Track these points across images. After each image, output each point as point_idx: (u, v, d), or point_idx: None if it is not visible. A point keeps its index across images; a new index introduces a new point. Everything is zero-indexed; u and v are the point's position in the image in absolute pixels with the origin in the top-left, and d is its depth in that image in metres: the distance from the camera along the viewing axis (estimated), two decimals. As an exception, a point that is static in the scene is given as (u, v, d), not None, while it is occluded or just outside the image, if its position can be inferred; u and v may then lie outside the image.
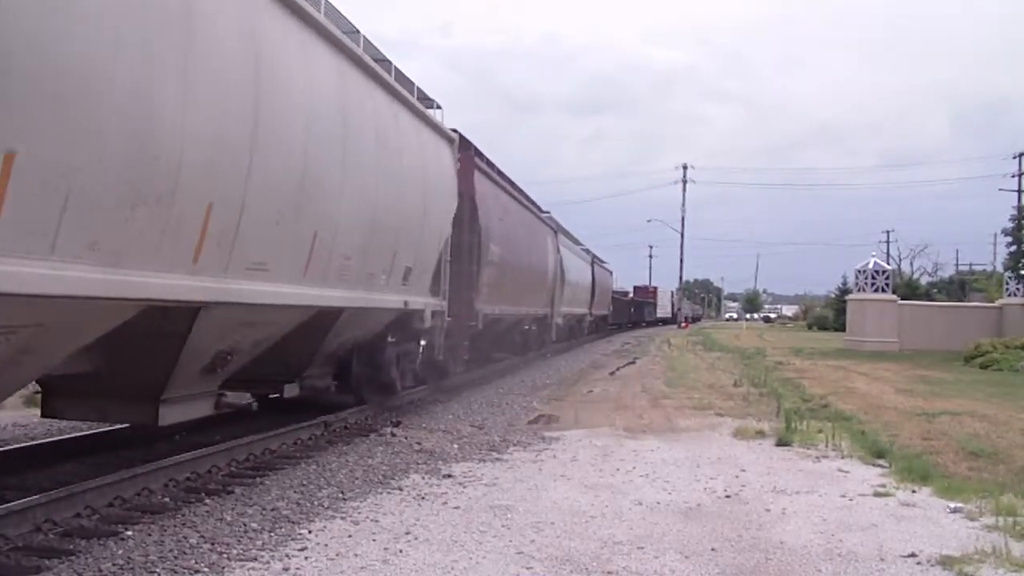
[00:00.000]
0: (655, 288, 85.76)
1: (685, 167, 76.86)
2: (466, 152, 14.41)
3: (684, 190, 76.41)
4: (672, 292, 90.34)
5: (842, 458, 9.40)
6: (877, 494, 7.64)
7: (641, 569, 5.39)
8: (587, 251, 38.69)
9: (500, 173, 18.53)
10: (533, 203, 23.86)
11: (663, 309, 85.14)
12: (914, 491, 7.77)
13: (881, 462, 9.10)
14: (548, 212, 27.31)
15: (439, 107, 12.68)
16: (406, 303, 10.85)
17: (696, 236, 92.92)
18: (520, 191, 21.91)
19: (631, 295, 70.50)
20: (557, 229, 27.86)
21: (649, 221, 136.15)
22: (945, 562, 5.61)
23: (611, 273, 50.91)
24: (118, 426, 8.63)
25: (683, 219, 76.54)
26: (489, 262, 15.94)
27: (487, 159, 16.98)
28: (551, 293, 25.49)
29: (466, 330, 14.77)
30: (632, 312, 66.86)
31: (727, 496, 7.50)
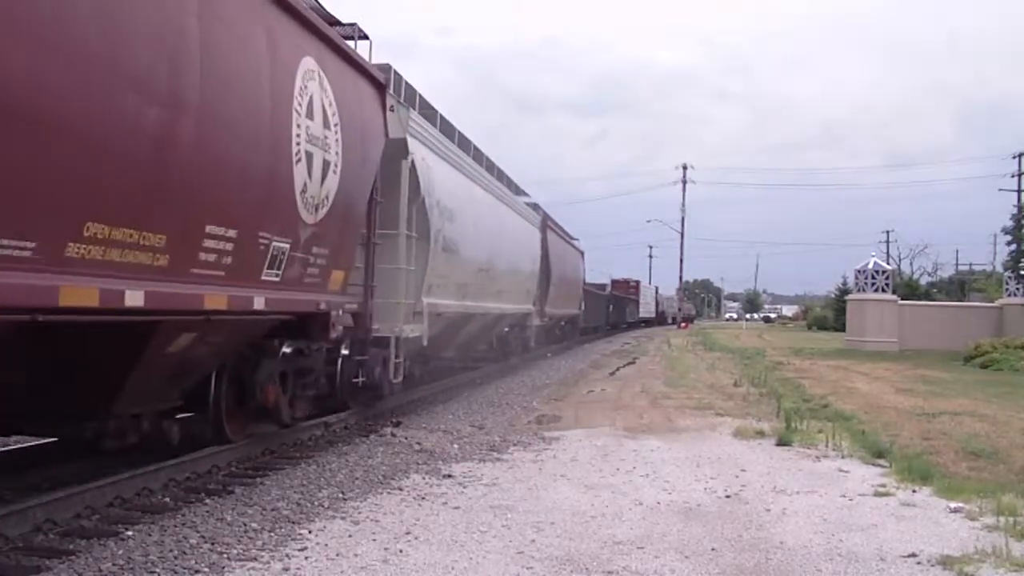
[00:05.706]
0: (637, 282, 71.36)
1: (685, 167, 77.04)
2: None
3: (684, 190, 76.54)
4: (656, 288, 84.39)
5: (842, 458, 9.40)
6: (877, 494, 7.63)
7: (641, 569, 5.39)
8: (535, 206, 24.49)
9: None
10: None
11: (646, 308, 72.26)
12: (914, 491, 7.76)
13: (881, 462, 9.10)
14: (388, 63, 11.15)
15: None
16: None
17: (696, 236, 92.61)
18: None
19: (609, 290, 57.34)
20: (425, 128, 12.38)
21: (649, 221, 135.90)
22: (945, 562, 5.60)
23: (582, 255, 35.11)
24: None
25: (683, 219, 76.62)
26: None
27: None
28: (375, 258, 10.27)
29: None
30: (612, 311, 52.31)
31: (727, 496, 7.50)
